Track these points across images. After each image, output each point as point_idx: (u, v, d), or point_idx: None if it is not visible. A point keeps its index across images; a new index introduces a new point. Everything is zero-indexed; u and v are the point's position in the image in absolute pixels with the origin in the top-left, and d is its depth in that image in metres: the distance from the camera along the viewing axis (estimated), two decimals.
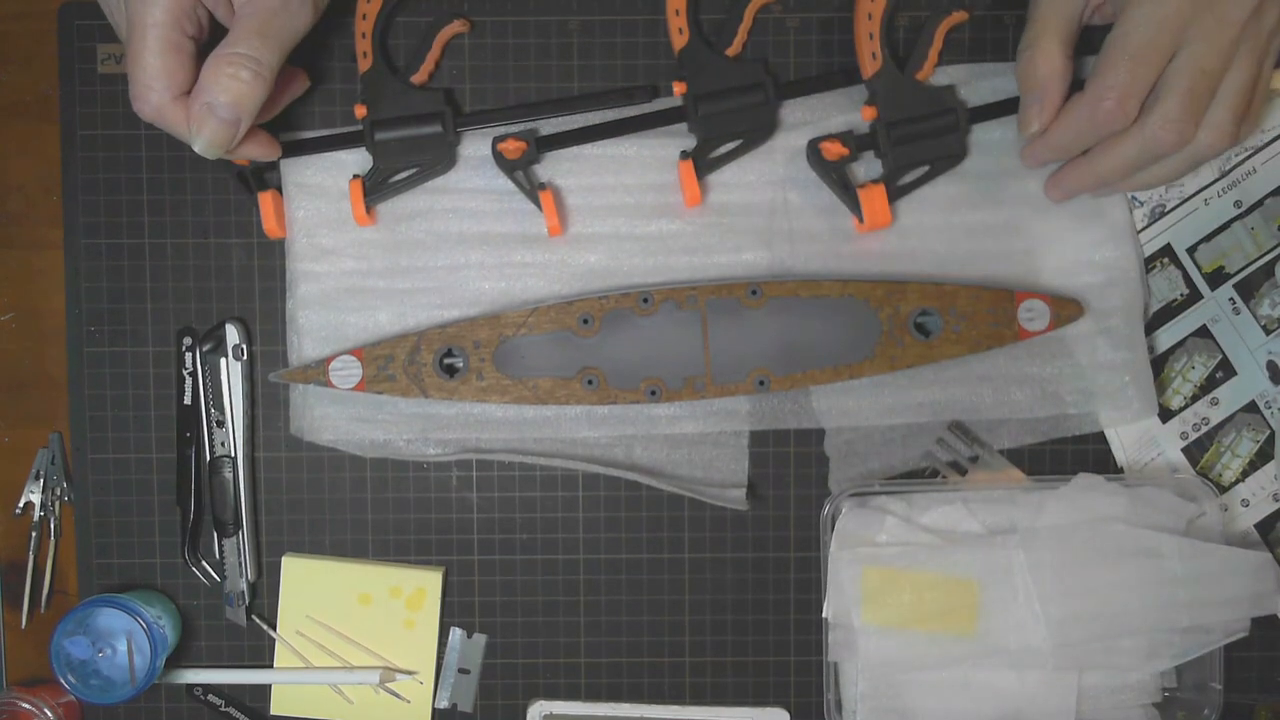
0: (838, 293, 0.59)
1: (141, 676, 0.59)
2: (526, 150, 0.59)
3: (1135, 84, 0.53)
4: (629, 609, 0.64)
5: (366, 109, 0.59)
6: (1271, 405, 0.63)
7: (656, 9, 0.61)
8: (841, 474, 0.62)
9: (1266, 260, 0.63)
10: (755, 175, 0.62)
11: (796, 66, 0.62)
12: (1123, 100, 0.53)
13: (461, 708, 0.63)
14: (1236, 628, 0.60)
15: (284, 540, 0.63)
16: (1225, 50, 0.52)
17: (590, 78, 0.62)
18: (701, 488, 0.62)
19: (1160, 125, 0.53)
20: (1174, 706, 0.62)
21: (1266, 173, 0.62)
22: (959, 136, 0.60)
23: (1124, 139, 0.55)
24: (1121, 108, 0.53)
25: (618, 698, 0.64)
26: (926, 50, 0.60)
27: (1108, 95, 0.53)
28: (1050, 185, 0.60)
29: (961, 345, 0.59)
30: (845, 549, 0.60)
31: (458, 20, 0.60)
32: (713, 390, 0.59)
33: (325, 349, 0.61)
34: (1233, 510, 0.63)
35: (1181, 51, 0.52)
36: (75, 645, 0.59)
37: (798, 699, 0.64)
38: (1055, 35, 0.56)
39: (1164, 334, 0.63)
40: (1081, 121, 0.55)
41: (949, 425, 0.62)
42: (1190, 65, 0.52)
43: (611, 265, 0.61)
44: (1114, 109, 0.53)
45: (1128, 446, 0.63)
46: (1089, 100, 0.54)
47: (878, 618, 0.60)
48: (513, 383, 0.59)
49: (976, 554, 0.60)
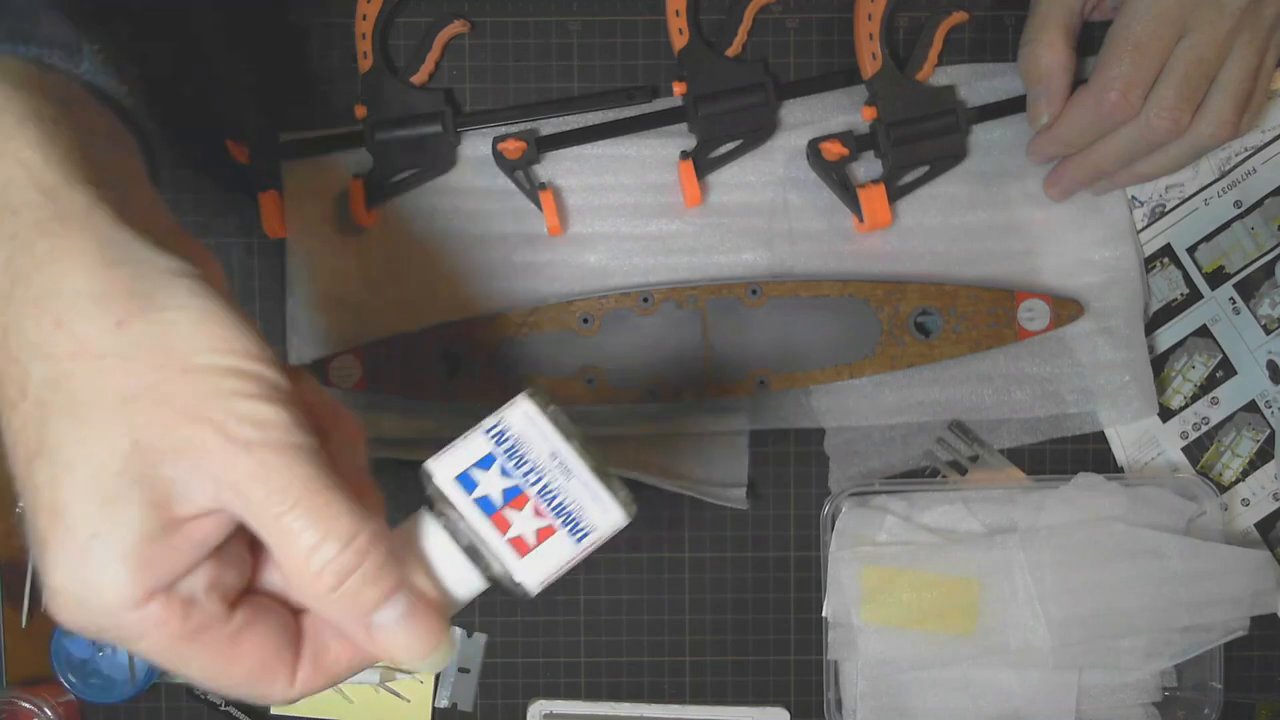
0: (838, 293, 0.59)
1: (142, 676, 0.59)
2: (526, 150, 0.59)
3: (1138, 74, 0.53)
4: (629, 609, 0.64)
5: (366, 109, 0.59)
6: (1272, 405, 0.63)
7: (656, 9, 0.61)
8: (841, 473, 0.62)
9: (1266, 260, 0.63)
10: (755, 175, 0.62)
11: (796, 67, 0.62)
12: (1126, 91, 0.53)
13: (461, 707, 0.63)
14: (1236, 627, 0.60)
15: None
16: (1223, 40, 0.52)
17: (590, 78, 0.62)
18: (701, 487, 0.62)
19: (1156, 113, 0.53)
20: (1174, 706, 0.62)
21: (1266, 173, 0.62)
22: (959, 137, 0.60)
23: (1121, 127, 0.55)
24: (1125, 98, 0.53)
25: (618, 697, 0.64)
26: (926, 50, 0.60)
27: (1112, 86, 0.53)
28: (1049, 182, 0.60)
29: (961, 345, 0.59)
30: (845, 548, 0.60)
31: (458, 20, 0.60)
32: (713, 390, 0.59)
33: (325, 349, 0.61)
34: (1233, 509, 0.63)
35: (1181, 41, 0.53)
36: (75, 644, 0.59)
37: (798, 698, 0.64)
38: (1057, 27, 0.56)
39: (1164, 334, 0.63)
40: (1087, 114, 0.55)
41: (949, 425, 0.62)
42: (1188, 54, 0.52)
43: (611, 265, 0.61)
44: (1118, 100, 0.53)
45: (1128, 446, 0.63)
46: (1093, 92, 0.54)
47: (878, 617, 0.60)
48: (513, 382, 0.59)
49: (976, 553, 0.60)
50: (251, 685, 0.33)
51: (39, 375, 0.30)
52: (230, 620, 0.32)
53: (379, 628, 0.32)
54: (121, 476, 0.29)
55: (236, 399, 0.30)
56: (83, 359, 0.30)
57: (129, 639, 0.31)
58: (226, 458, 0.30)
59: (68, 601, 0.30)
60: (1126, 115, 0.54)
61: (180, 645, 0.31)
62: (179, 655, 0.31)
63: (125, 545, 0.29)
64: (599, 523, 0.35)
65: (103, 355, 0.30)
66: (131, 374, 0.30)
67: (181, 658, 0.31)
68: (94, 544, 0.29)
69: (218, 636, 0.32)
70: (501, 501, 0.34)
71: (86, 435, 0.29)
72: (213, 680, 0.32)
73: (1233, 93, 0.53)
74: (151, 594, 0.30)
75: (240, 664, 0.32)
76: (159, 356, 0.30)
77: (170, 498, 0.30)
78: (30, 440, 0.30)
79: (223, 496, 0.30)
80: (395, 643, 0.33)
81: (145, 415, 0.29)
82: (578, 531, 0.35)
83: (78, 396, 0.29)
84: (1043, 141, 0.58)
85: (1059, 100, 0.56)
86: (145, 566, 0.30)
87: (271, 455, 0.30)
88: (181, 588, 0.31)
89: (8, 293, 0.30)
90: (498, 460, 0.34)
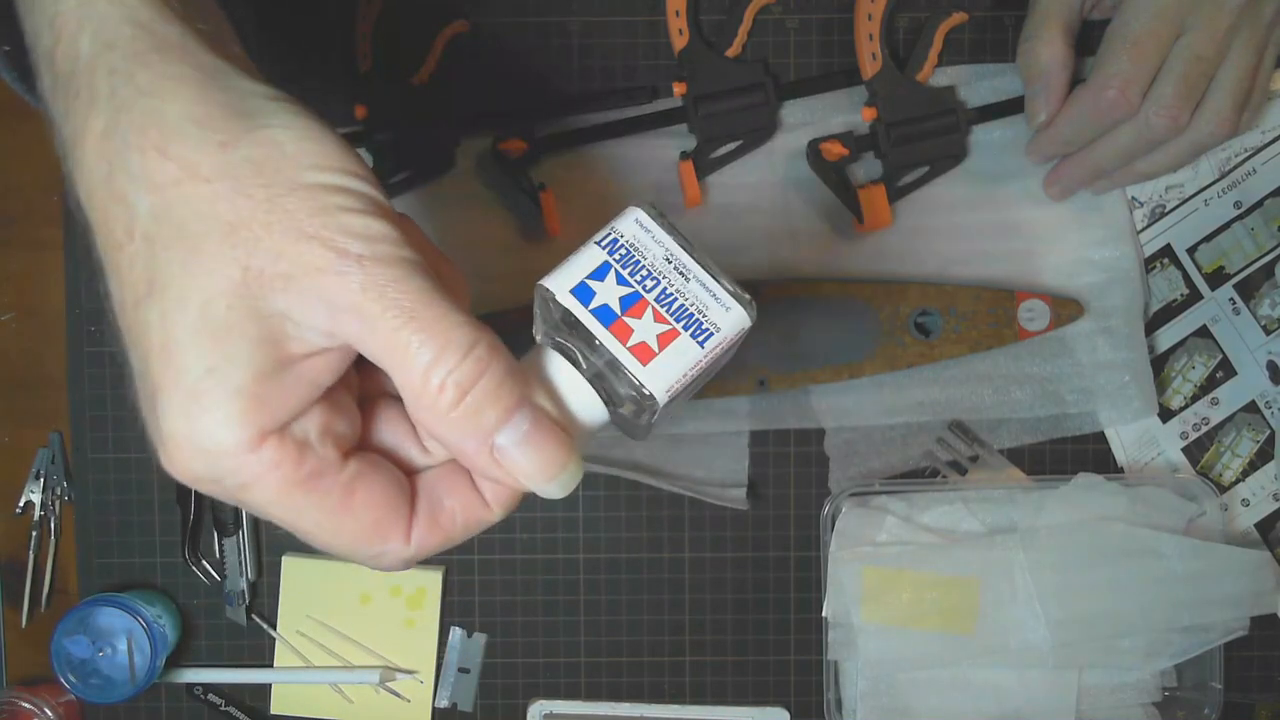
0: (838, 293, 0.59)
1: (141, 676, 0.59)
2: (526, 150, 0.59)
3: (1137, 72, 0.53)
4: (629, 609, 0.64)
5: (366, 109, 0.59)
6: (1271, 405, 0.63)
7: (656, 9, 0.61)
8: (841, 474, 0.62)
9: (1266, 260, 0.63)
10: (755, 175, 0.62)
11: (796, 67, 0.62)
12: (1125, 88, 0.53)
13: (461, 707, 0.63)
14: (1236, 627, 0.60)
15: (284, 539, 0.63)
16: (1222, 38, 0.52)
17: (590, 78, 0.62)
18: (701, 487, 0.62)
19: (1154, 110, 0.53)
20: (1174, 706, 0.62)
21: (1266, 173, 0.62)
22: (959, 137, 0.60)
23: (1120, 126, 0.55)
24: (1124, 96, 0.53)
25: (618, 697, 0.64)
26: (926, 51, 0.60)
27: (1110, 84, 0.53)
28: (1049, 181, 0.61)
29: (962, 345, 0.59)
30: (845, 548, 0.60)
31: (458, 20, 0.60)
32: (713, 390, 0.59)
33: None
34: (1233, 510, 0.63)
35: (1179, 39, 0.53)
36: (75, 644, 0.59)
37: (798, 698, 0.64)
38: (1056, 24, 0.56)
39: (1164, 334, 0.63)
40: (1086, 112, 0.55)
41: (949, 425, 0.62)
42: (1186, 52, 0.52)
43: None
44: (1117, 98, 0.53)
45: (1128, 446, 0.63)
46: (1092, 90, 0.54)
47: (878, 617, 0.60)
48: None
49: (976, 553, 0.60)
50: (368, 542, 0.32)
51: (145, 209, 0.29)
52: (344, 469, 0.31)
53: (502, 450, 0.31)
54: (234, 309, 0.29)
55: (345, 214, 0.29)
56: (188, 184, 0.29)
57: (242, 485, 0.30)
58: (339, 274, 0.29)
59: (180, 446, 0.29)
60: (1125, 113, 0.54)
61: (294, 492, 0.30)
62: (293, 504, 0.30)
63: (239, 382, 0.29)
64: (722, 323, 0.33)
65: (209, 179, 0.29)
66: (239, 196, 0.29)
67: (296, 507, 0.31)
68: (208, 381, 0.29)
69: (332, 485, 0.31)
70: (620, 309, 0.33)
71: (197, 266, 0.29)
72: (328, 536, 0.31)
73: (1232, 90, 0.53)
74: (265, 435, 0.29)
75: (355, 516, 0.31)
76: (265, 175, 0.29)
77: (283, 335, 0.29)
78: (139, 281, 0.29)
79: (336, 324, 0.29)
80: (520, 465, 0.31)
81: (255, 238, 0.29)
82: (701, 334, 0.33)
83: (186, 226, 0.29)
84: (1042, 140, 0.58)
85: (1058, 98, 0.56)
86: (260, 405, 0.29)
87: (383, 268, 0.29)
88: (295, 430, 0.30)
89: (111, 127, 0.29)
90: (613, 268, 0.33)
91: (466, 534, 0.34)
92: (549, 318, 0.34)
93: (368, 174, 0.31)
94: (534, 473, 0.32)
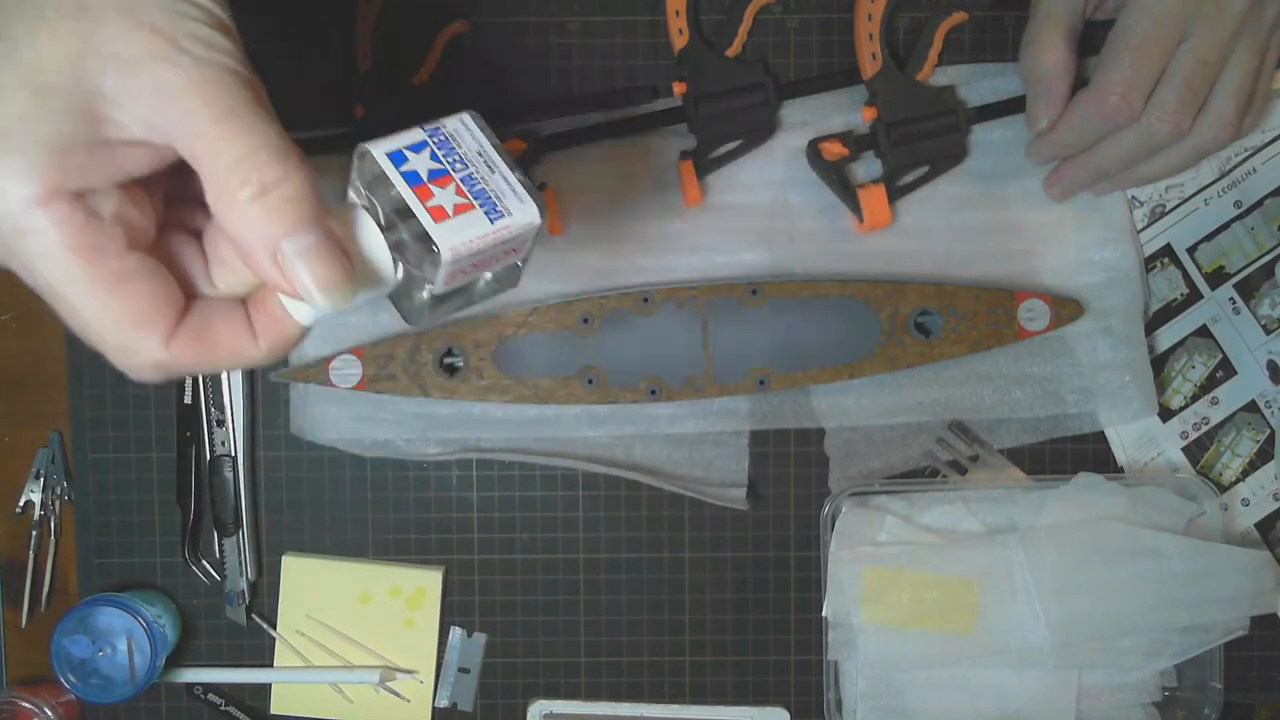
0: (838, 293, 0.59)
1: (141, 676, 0.59)
2: (526, 150, 0.59)
3: (1139, 77, 0.53)
4: (629, 609, 0.64)
5: (366, 109, 0.59)
6: (1271, 405, 0.63)
7: (656, 9, 0.61)
8: (841, 474, 0.62)
9: (1266, 260, 0.63)
10: (755, 175, 0.62)
11: (796, 67, 0.62)
12: (1127, 94, 0.53)
13: (461, 707, 0.63)
14: (1236, 627, 0.60)
15: (284, 539, 0.63)
16: (1224, 42, 0.52)
17: (590, 78, 0.62)
18: (701, 487, 0.62)
19: (1157, 116, 0.53)
20: (1174, 706, 0.62)
21: (1266, 173, 0.62)
22: (959, 137, 0.60)
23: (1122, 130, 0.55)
24: (1126, 101, 0.53)
25: (618, 697, 0.64)
26: (926, 51, 0.60)
27: (1113, 90, 0.53)
28: (1050, 182, 0.60)
29: (962, 345, 0.59)
30: (845, 548, 0.60)
31: (458, 20, 0.60)
32: (713, 390, 0.59)
33: (325, 348, 0.61)
34: (1233, 509, 0.63)
35: (1182, 44, 0.52)
36: (75, 644, 0.59)
37: (798, 698, 0.64)
38: (1058, 28, 0.56)
39: (1164, 334, 0.63)
40: (1088, 117, 0.55)
41: (949, 425, 0.62)
42: (1189, 56, 0.52)
43: (611, 265, 0.61)
44: (1119, 103, 0.53)
45: (1128, 446, 0.63)
46: (1094, 95, 0.54)
47: (878, 617, 0.60)
48: (513, 382, 0.59)
49: (976, 553, 0.60)
50: (126, 333, 0.34)
51: None
52: (126, 256, 0.33)
53: (285, 255, 0.33)
54: (63, 76, 0.31)
55: (191, 21, 0.32)
56: None
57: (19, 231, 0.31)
58: (172, 65, 0.31)
59: None
60: (1128, 118, 0.54)
61: (69, 256, 0.32)
62: (64, 269, 0.32)
63: (46, 136, 0.31)
64: (514, 211, 0.37)
65: None
66: None
67: (67, 273, 0.32)
68: (18, 126, 0.31)
69: (107, 266, 0.33)
70: (427, 178, 0.37)
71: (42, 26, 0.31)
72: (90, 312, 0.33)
73: (1234, 95, 0.53)
74: (57, 193, 0.31)
75: (119, 303, 0.33)
76: None
77: (103, 116, 0.31)
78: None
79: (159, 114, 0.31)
80: (297, 272, 0.33)
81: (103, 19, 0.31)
82: (494, 214, 0.37)
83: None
84: (1042, 144, 0.58)
85: (1059, 103, 0.56)
86: (59, 164, 0.31)
87: (215, 72, 0.32)
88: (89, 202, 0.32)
89: None
90: (429, 146, 0.37)
91: (228, 362, 0.36)
92: (363, 176, 0.37)
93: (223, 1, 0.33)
94: (308, 283, 0.34)
